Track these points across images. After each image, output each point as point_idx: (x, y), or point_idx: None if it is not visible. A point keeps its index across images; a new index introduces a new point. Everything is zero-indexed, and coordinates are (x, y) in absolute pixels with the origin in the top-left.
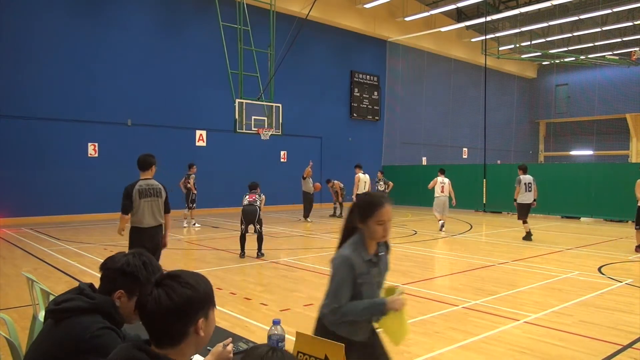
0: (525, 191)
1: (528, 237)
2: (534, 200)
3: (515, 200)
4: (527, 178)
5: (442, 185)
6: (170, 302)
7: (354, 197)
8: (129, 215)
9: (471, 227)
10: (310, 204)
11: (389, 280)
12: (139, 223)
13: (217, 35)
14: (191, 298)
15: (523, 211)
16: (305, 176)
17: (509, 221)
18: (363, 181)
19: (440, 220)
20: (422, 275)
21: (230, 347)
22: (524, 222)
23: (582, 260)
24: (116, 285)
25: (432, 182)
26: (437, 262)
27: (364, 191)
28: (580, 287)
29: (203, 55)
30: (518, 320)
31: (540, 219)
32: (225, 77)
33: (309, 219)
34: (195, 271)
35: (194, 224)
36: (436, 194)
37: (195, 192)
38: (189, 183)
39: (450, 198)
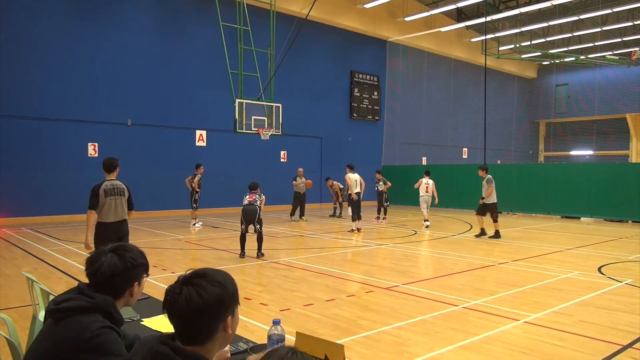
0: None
1: (498, 235)
2: None
3: (483, 198)
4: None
5: (426, 185)
6: (201, 301)
7: (352, 195)
8: (96, 211)
9: (471, 227)
10: (300, 202)
11: (389, 280)
12: (104, 219)
13: (217, 36)
14: (221, 296)
15: (496, 210)
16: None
17: (509, 221)
18: (354, 180)
19: (426, 219)
20: (422, 275)
21: (227, 347)
22: (496, 219)
23: (582, 260)
24: (129, 282)
25: (417, 183)
26: (437, 262)
27: (358, 190)
28: (580, 287)
29: (203, 55)
30: (518, 320)
31: (540, 218)
32: (225, 77)
33: (293, 218)
34: (219, 269)
35: (195, 224)
36: (421, 193)
37: (198, 191)
38: (194, 182)
39: (433, 197)
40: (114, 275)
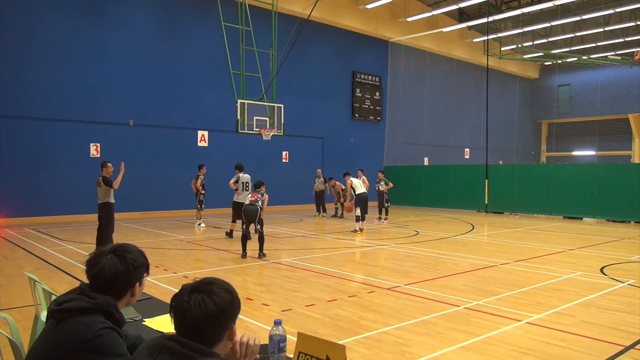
0: (243, 190)
1: (231, 234)
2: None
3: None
4: (245, 177)
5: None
6: (215, 307)
7: (349, 197)
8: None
9: (473, 227)
10: (318, 200)
11: (390, 281)
12: None
13: (219, 36)
14: (232, 302)
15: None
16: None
17: (511, 221)
18: (357, 182)
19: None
20: (424, 276)
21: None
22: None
23: (584, 261)
24: (131, 282)
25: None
26: (439, 263)
27: (363, 191)
28: (582, 288)
29: (205, 55)
30: (520, 321)
31: (542, 219)
32: (227, 77)
33: (317, 214)
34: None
35: (200, 224)
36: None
37: (203, 192)
38: (196, 183)
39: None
40: (116, 276)
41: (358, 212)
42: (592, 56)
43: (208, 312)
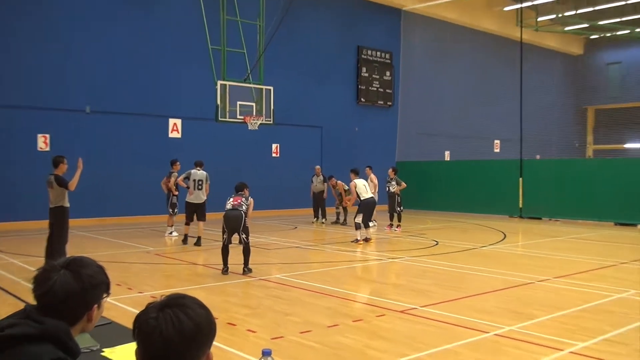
0: (195, 189)
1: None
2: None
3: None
4: (198, 174)
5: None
6: (192, 324)
7: (352, 201)
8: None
9: (505, 236)
10: (317, 203)
11: (404, 302)
12: None
13: (196, 4)
14: (209, 320)
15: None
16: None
17: (551, 229)
18: (362, 184)
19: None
20: (445, 296)
21: None
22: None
23: (639, 277)
24: (87, 304)
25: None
26: (464, 279)
27: (370, 195)
28: (637, 310)
29: (178, 28)
30: (562, 350)
31: (590, 226)
32: (204, 54)
33: (315, 220)
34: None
35: (171, 232)
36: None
37: (177, 193)
38: (169, 183)
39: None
40: (69, 297)
41: (359, 219)
42: None
43: (184, 330)
